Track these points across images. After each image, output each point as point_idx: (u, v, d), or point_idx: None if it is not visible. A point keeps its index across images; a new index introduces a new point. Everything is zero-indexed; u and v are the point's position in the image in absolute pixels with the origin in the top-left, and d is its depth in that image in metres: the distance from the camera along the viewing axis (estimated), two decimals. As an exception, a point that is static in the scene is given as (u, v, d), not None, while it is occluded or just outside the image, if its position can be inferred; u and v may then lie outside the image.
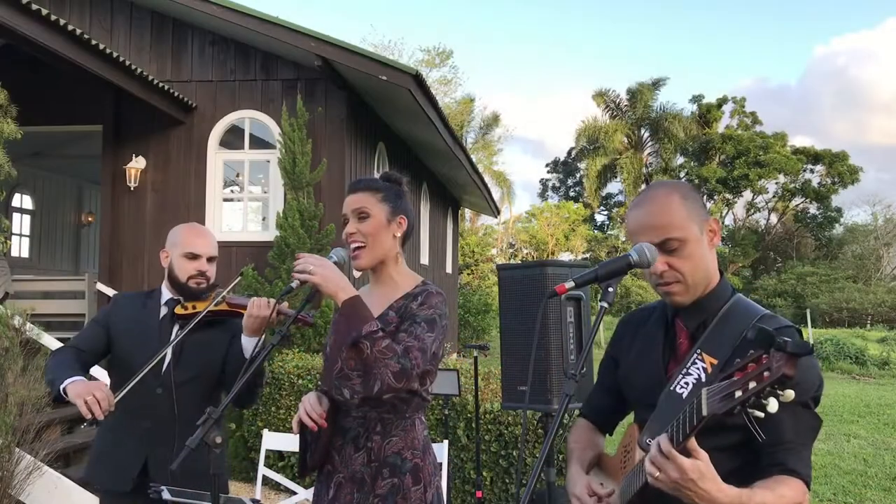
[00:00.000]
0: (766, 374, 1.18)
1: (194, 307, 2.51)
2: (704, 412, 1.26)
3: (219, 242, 2.68)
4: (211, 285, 2.57)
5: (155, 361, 2.38)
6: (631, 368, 1.73)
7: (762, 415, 1.21)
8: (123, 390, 2.32)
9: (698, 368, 1.52)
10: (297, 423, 1.92)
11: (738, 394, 1.21)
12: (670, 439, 1.32)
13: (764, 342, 1.20)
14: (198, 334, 2.48)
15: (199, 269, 2.52)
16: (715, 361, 1.48)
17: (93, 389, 2.22)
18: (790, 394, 1.19)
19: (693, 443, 1.31)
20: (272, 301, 2.32)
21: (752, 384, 1.20)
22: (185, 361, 2.49)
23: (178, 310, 2.51)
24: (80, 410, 2.18)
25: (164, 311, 2.56)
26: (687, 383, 1.52)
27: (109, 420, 2.51)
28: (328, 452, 1.97)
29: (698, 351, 1.54)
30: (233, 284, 2.60)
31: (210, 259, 2.56)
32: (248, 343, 2.40)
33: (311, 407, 1.90)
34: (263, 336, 2.35)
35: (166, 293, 2.58)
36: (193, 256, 2.52)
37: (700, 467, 1.30)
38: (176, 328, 2.51)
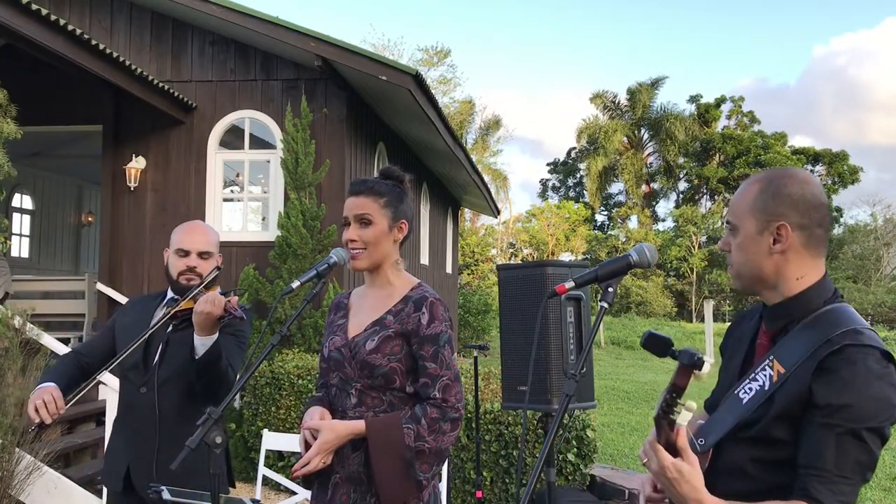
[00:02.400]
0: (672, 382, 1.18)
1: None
2: (655, 413, 1.26)
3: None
4: (206, 281, 2.49)
5: (118, 360, 2.37)
6: (724, 366, 1.68)
7: (682, 423, 1.21)
8: (80, 391, 2.34)
9: (765, 375, 1.44)
10: (304, 442, 1.95)
11: (663, 397, 1.21)
12: (657, 432, 1.29)
13: (656, 349, 1.20)
14: (181, 333, 2.46)
15: (188, 265, 2.48)
16: (783, 370, 1.40)
17: (42, 394, 2.27)
18: (692, 405, 1.18)
19: (683, 442, 1.27)
20: (220, 297, 2.26)
21: (666, 391, 1.20)
22: (167, 361, 2.46)
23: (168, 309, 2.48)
24: (30, 415, 2.25)
25: (162, 311, 2.53)
26: (751, 388, 1.44)
27: (120, 422, 2.55)
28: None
29: (770, 357, 1.45)
30: (202, 284, 2.45)
31: (202, 255, 2.51)
32: (199, 343, 2.31)
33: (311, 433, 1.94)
34: (217, 336, 2.31)
35: (169, 293, 2.58)
36: (183, 253, 2.50)
37: (682, 469, 1.25)
38: (170, 328, 2.48)
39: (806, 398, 1.35)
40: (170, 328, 2.46)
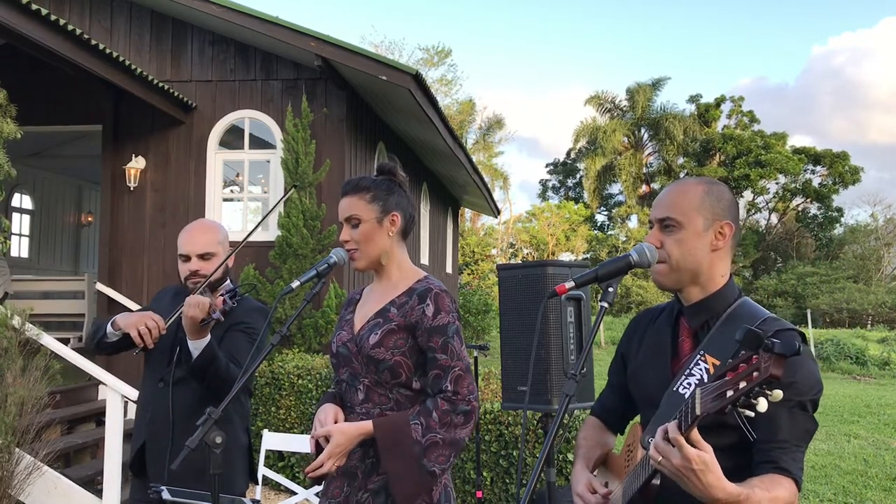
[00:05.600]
0: (755, 374, 1.21)
1: None
2: (697, 411, 1.28)
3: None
4: (212, 282, 2.49)
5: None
6: (638, 367, 1.74)
7: (752, 414, 1.23)
8: (173, 316, 2.41)
9: (701, 370, 1.53)
10: (315, 442, 1.94)
11: (730, 393, 1.23)
12: (678, 427, 1.33)
13: (752, 343, 1.23)
14: None
15: (191, 270, 2.49)
16: (718, 363, 1.49)
17: (145, 319, 2.32)
18: (778, 394, 1.22)
19: (697, 435, 1.32)
20: (204, 300, 2.27)
21: (742, 384, 1.22)
22: (183, 361, 2.45)
23: None
24: (133, 338, 2.32)
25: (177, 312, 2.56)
26: (689, 384, 1.53)
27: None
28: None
29: (701, 352, 1.55)
30: (207, 279, 2.46)
31: (202, 256, 2.50)
32: (191, 347, 2.31)
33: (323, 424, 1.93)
34: (208, 338, 2.31)
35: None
36: (184, 258, 2.52)
37: (705, 459, 1.31)
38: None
39: None
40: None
